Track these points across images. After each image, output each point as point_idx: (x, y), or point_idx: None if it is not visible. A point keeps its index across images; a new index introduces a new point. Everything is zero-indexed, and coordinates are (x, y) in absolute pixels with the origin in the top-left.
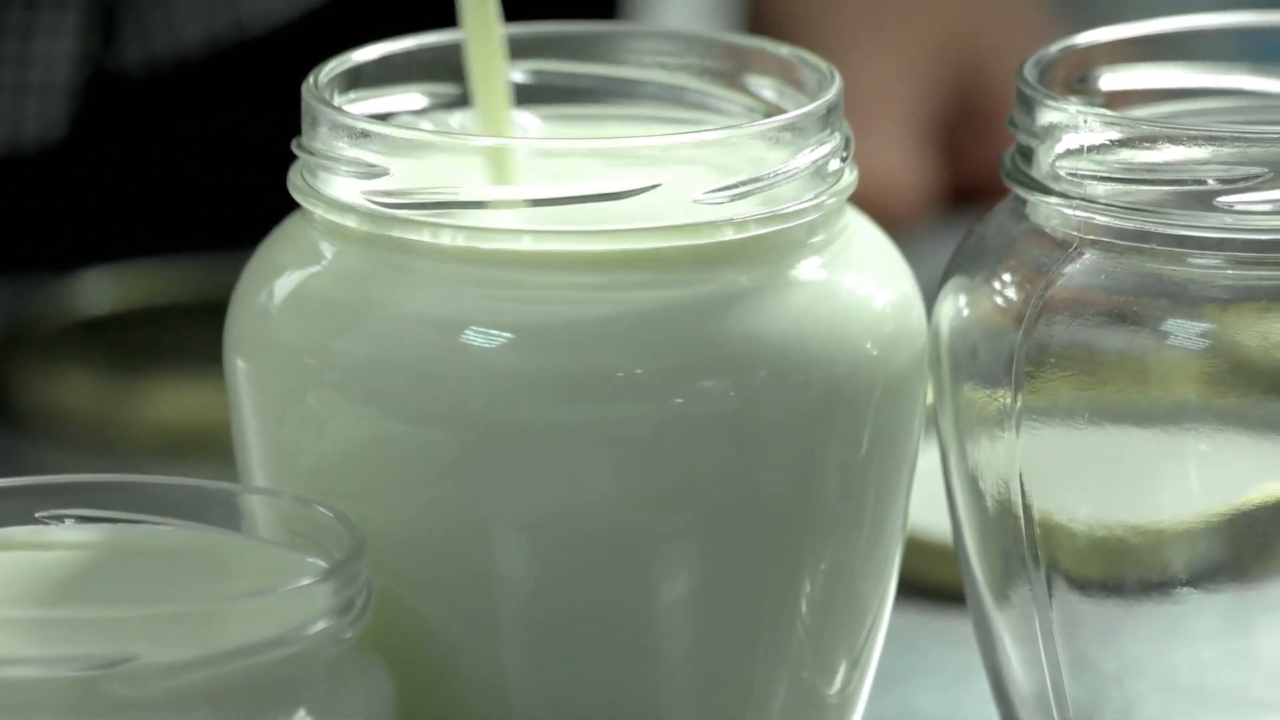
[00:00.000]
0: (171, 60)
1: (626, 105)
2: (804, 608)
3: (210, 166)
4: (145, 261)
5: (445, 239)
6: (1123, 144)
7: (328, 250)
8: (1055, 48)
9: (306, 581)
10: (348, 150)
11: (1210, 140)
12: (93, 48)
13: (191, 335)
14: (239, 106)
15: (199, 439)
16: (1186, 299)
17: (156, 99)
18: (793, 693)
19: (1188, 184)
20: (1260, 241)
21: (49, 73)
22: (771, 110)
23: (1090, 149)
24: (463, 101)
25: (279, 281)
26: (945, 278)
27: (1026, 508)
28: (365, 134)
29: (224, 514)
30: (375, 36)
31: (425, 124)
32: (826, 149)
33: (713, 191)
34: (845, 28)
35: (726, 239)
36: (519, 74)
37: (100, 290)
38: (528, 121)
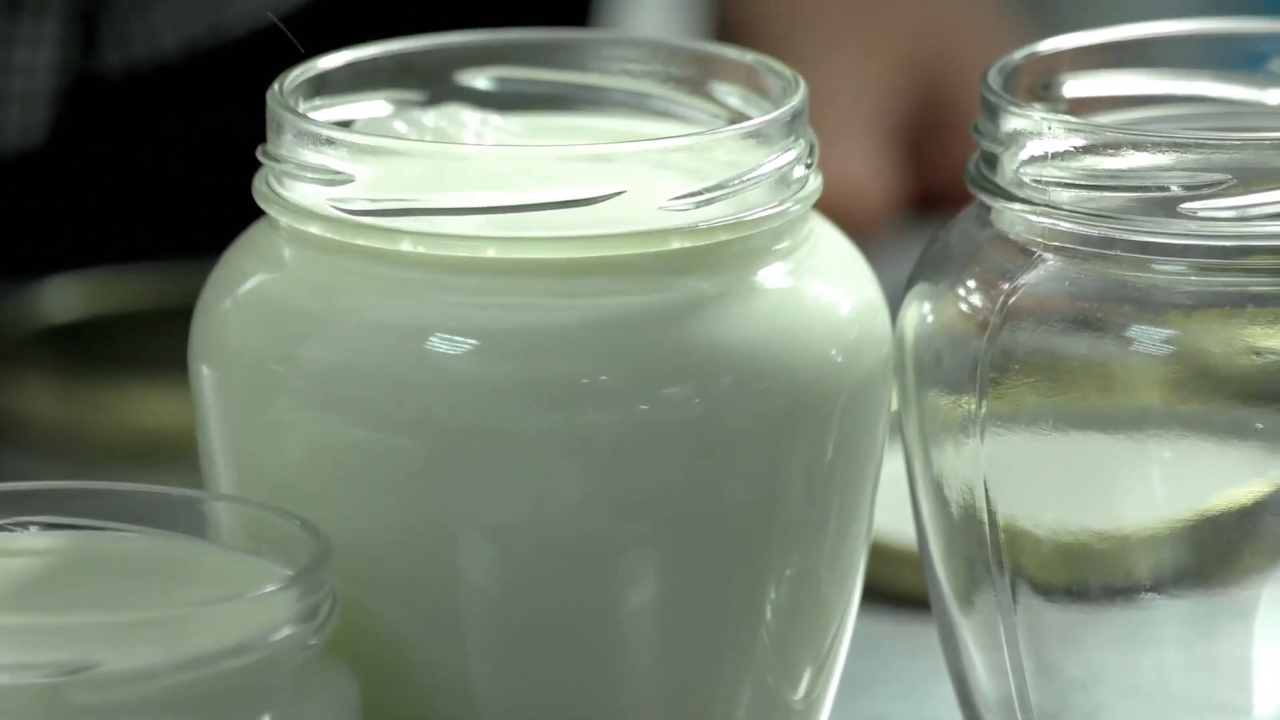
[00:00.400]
0: (150, 65)
1: (592, 112)
2: (769, 614)
3: (175, 174)
4: (111, 269)
5: (410, 246)
6: (1087, 150)
7: (293, 257)
8: (1019, 54)
9: (271, 588)
10: (312, 157)
11: (1174, 147)
12: (73, 55)
13: (157, 342)
14: (216, 110)
15: (164, 446)
16: (1150, 305)
17: (134, 104)
18: (757, 698)
19: (1151, 190)
20: (1224, 248)
21: (30, 80)
22: (736, 117)
23: (1054, 155)
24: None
25: (244, 288)
26: (910, 284)
27: (991, 513)
28: (330, 141)
29: (189, 521)
30: (352, 40)
31: (398, 123)
32: (791, 155)
33: (678, 198)
34: (811, 34)
35: (691, 245)
36: (485, 80)
37: (66, 297)
38: (498, 125)
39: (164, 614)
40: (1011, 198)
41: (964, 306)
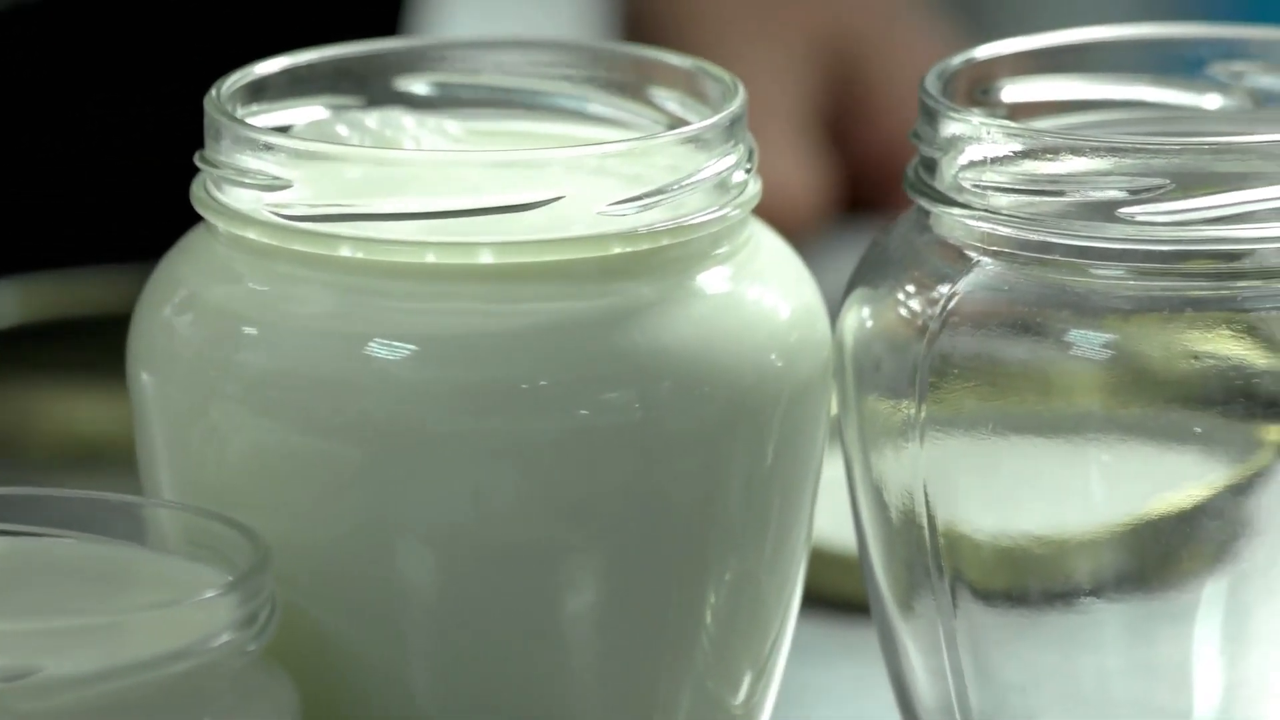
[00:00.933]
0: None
1: (531, 117)
2: (709, 618)
3: (113, 178)
4: (48, 275)
5: (349, 251)
6: (1025, 155)
7: (231, 263)
8: (958, 59)
9: (210, 594)
10: (251, 162)
11: (1112, 152)
12: None
13: (95, 348)
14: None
15: (101, 452)
16: (1089, 310)
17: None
18: (698, 703)
19: (1090, 195)
20: (1162, 252)
21: None
22: (675, 122)
23: (993, 160)
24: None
25: (182, 294)
26: (849, 289)
27: (931, 518)
28: (268, 146)
29: (128, 526)
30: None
31: (340, 127)
32: (731, 160)
33: (617, 203)
34: (719, 28)
35: (631, 250)
36: (424, 85)
37: (2, 303)
38: (438, 129)
39: (103, 620)
40: (950, 202)
41: (903, 311)
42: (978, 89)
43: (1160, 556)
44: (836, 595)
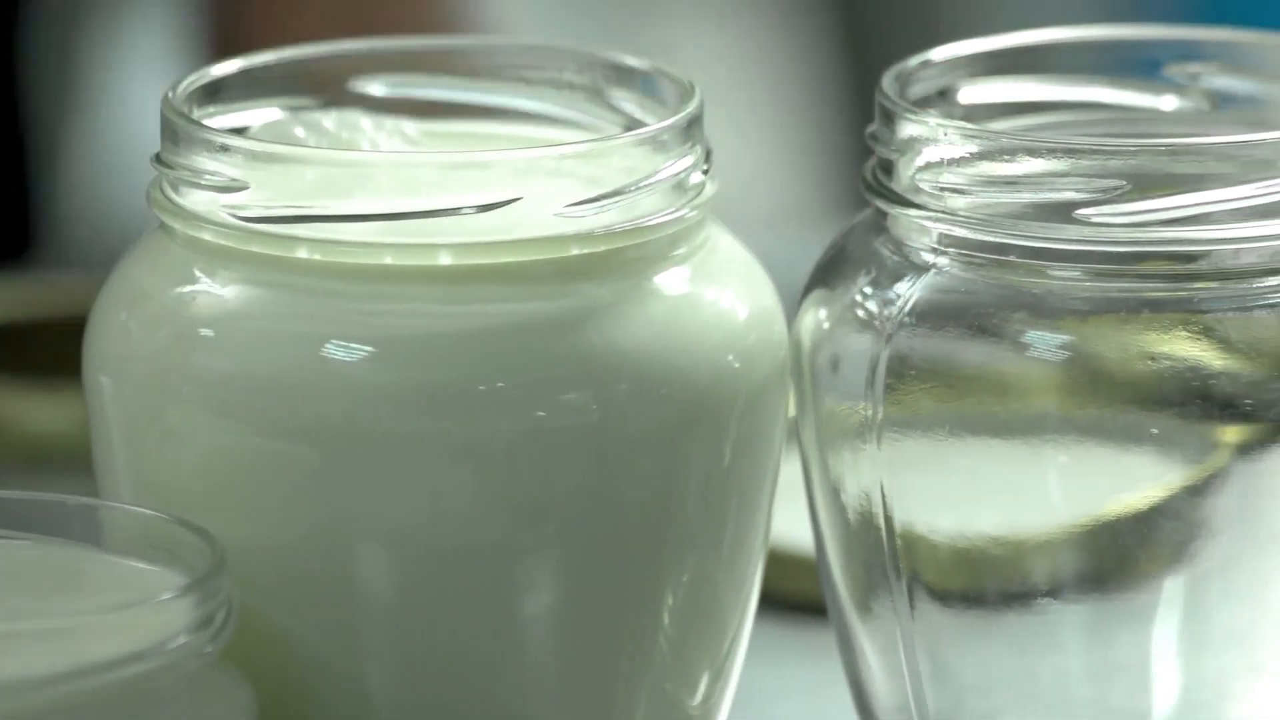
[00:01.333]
0: None
1: (487, 119)
2: (666, 619)
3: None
4: (2, 276)
5: (306, 253)
6: (982, 157)
7: (187, 265)
8: (915, 61)
9: (166, 596)
10: (207, 164)
11: (1069, 153)
12: None
13: (51, 350)
14: None
15: (59, 454)
16: (1046, 311)
17: None
18: (655, 704)
19: (1047, 196)
20: (1119, 254)
21: None
22: (633, 124)
23: (950, 162)
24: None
25: (139, 296)
26: (806, 290)
27: (888, 519)
28: (225, 147)
29: (84, 529)
30: None
31: (298, 128)
32: (688, 161)
33: (574, 205)
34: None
35: (589, 251)
36: (381, 87)
37: None
38: (396, 131)
39: (59, 623)
40: (907, 204)
41: (860, 312)
42: (935, 90)
43: (1117, 557)
44: (794, 596)
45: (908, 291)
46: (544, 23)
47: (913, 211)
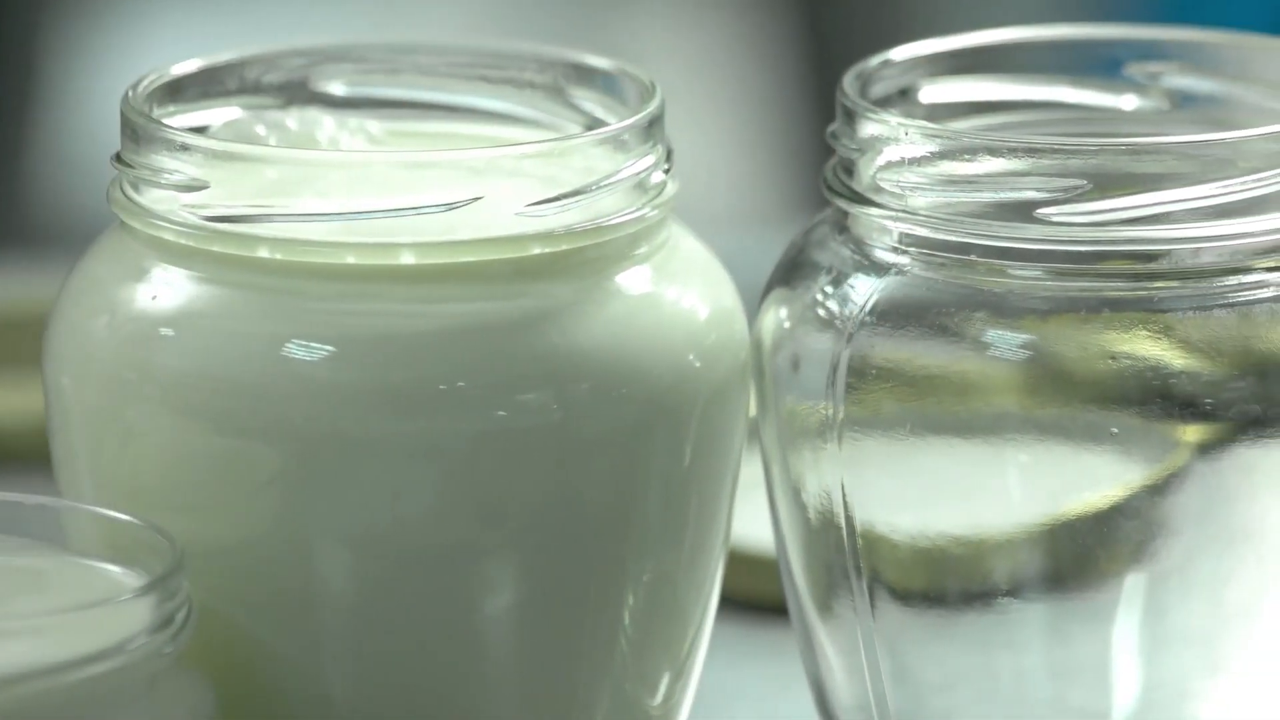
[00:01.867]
0: None
1: (450, 118)
2: (626, 619)
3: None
4: None
5: (267, 252)
6: (943, 156)
7: (148, 264)
8: (875, 60)
9: (126, 596)
10: (168, 162)
11: (1030, 152)
12: None
13: (8, 347)
14: None
15: (17, 452)
16: (1007, 310)
17: None
18: (615, 704)
19: (1008, 196)
20: (1080, 253)
21: None
22: (594, 123)
23: (911, 161)
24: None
25: (99, 295)
26: (767, 290)
27: (849, 519)
28: (185, 146)
29: (43, 529)
30: None
31: (259, 127)
32: (649, 161)
33: (535, 204)
34: None
35: (549, 251)
36: (341, 86)
37: None
38: (357, 130)
39: (18, 623)
40: (868, 203)
41: (821, 312)
42: (896, 90)
43: (1077, 557)
44: (755, 596)
45: (869, 291)
46: (506, 22)
47: (873, 211)
